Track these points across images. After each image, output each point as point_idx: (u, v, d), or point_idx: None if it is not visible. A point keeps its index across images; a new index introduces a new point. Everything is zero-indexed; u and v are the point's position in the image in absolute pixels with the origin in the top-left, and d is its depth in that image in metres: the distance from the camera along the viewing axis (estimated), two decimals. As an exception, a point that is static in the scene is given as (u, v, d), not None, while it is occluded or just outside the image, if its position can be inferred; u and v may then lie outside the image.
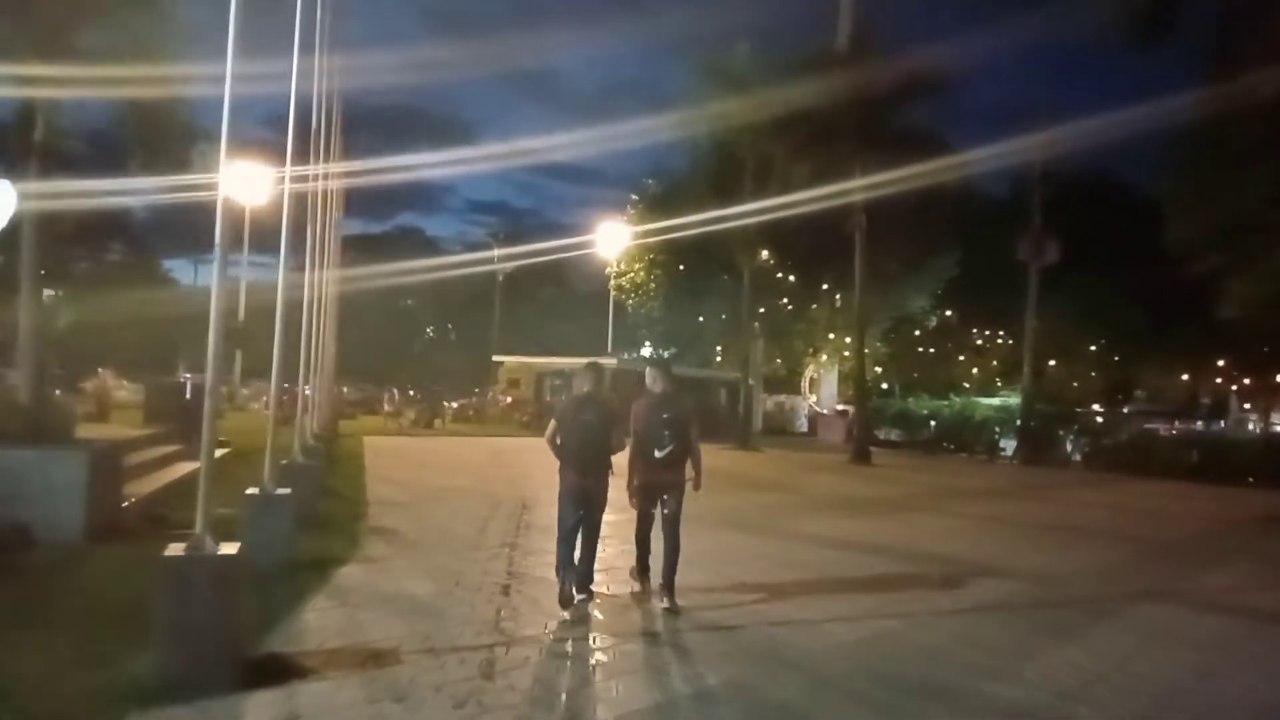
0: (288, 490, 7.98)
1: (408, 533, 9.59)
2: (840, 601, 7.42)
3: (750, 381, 34.42)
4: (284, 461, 10.37)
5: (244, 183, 19.10)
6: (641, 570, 7.20)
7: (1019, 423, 35.67)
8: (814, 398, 45.18)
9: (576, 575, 6.71)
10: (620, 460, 6.86)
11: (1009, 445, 35.22)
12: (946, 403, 40.52)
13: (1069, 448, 34.86)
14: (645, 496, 6.93)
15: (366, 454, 20.11)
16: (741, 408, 32.39)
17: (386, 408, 43.59)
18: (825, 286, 40.36)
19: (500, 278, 50.56)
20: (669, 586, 6.70)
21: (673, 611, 6.57)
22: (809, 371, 44.85)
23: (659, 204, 43.04)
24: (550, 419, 7.08)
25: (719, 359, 44.51)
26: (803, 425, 43.34)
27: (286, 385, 26.99)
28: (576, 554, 6.73)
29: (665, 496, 6.88)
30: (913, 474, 24.12)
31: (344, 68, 15.79)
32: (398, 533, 9.56)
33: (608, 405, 6.94)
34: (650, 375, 7.30)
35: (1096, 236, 42.92)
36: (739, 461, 24.42)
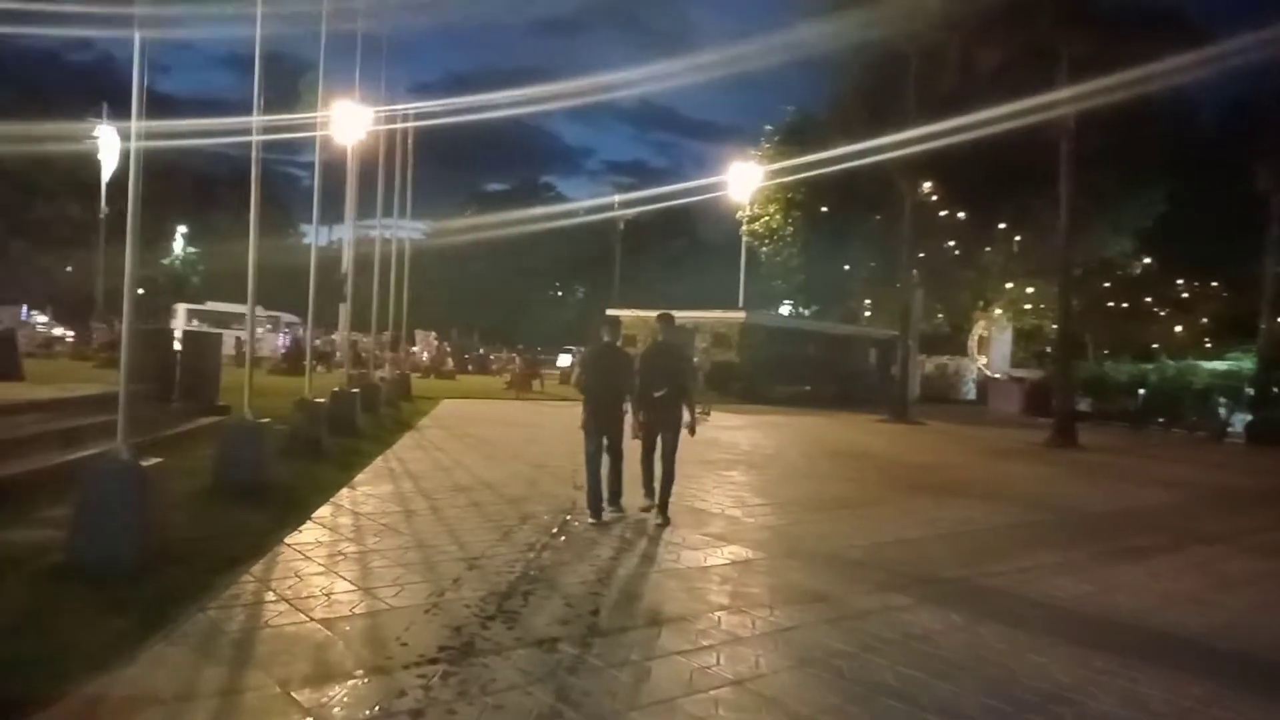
0: None
1: (292, 608, 4.98)
2: None
3: (908, 340, 28.42)
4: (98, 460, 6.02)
5: (344, 122, 17.39)
6: (648, 488, 8.02)
7: (1251, 393, 28.30)
8: (983, 359, 38.41)
9: (607, 492, 7.82)
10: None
11: (1238, 420, 27.96)
12: (1153, 366, 33.16)
13: (1322, 426, 27.28)
14: (647, 431, 7.86)
15: (421, 424, 15.94)
16: (898, 371, 26.56)
17: (494, 368, 40.15)
18: (1002, 226, 33.55)
19: (621, 225, 45.90)
20: (663, 505, 7.81)
21: (663, 526, 7.61)
22: (977, 328, 38.05)
23: (797, 136, 37.29)
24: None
25: (868, 314, 38.50)
26: (969, 392, 36.80)
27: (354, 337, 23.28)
28: (604, 477, 7.78)
29: (663, 432, 7.81)
30: (1140, 463, 17.94)
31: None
32: (268, 601, 4.98)
33: (623, 354, 8.13)
34: (655, 327, 8.22)
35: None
36: (898, 441, 18.88)
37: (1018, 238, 33.84)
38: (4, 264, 45.49)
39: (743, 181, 35.84)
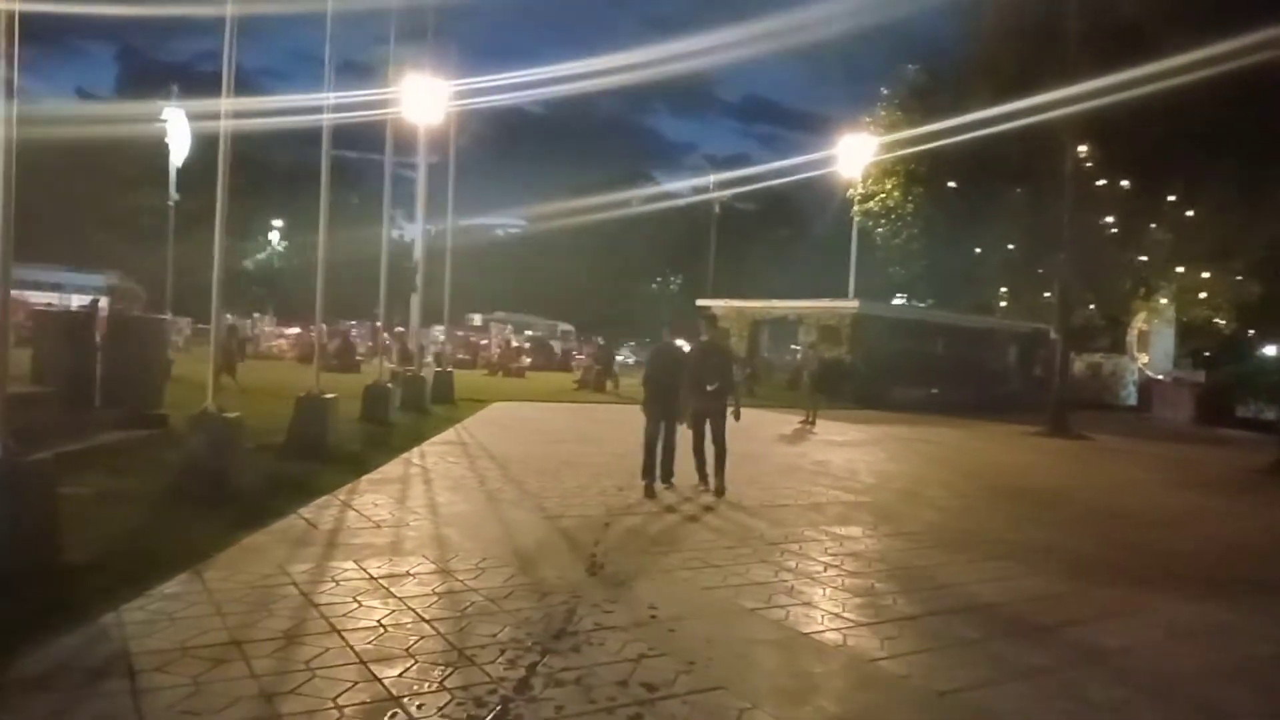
0: None
1: None
2: None
3: (1053, 335, 23.43)
4: None
5: (418, 99, 16.93)
6: (700, 472, 8.97)
7: None
8: (1144, 358, 32.71)
9: (661, 471, 8.80)
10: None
11: None
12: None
13: None
14: (697, 419, 8.91)
15: (438, 438, 12.48)
16: (1045, 371, 21.74)
17: (573, 365, 36.86)
18: (1172, 198, 27.99)
19: (716, 209, 41.85)
20: (719, 478, 8.72)
21: (720, 493, 8.61)
22: (1137, 321, 32.34)
23: (920, 99, 32.46)
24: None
25: (1003, 304, 33.31)
26: (1128, 396, 31.27)
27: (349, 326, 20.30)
28: (659, 459, 8.76)
29: (712, 420, 8.81)
30: None
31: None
32: None
33: (680, 351, 9.18)
34: (701, 326, 9.37)
35: None
36: (1073, 466, 14.34)
37: (1190, 212, 28.20)
38: (88, 256, 44.88)
39: (855, 156, 31.25)
